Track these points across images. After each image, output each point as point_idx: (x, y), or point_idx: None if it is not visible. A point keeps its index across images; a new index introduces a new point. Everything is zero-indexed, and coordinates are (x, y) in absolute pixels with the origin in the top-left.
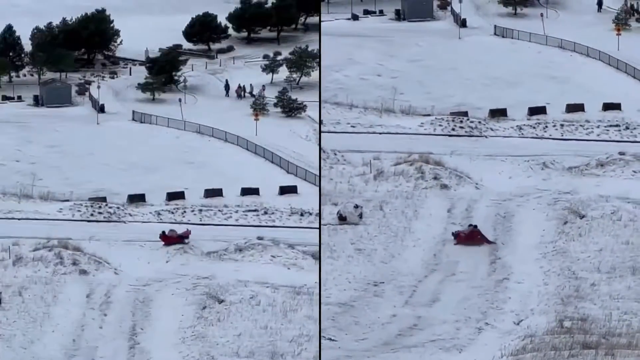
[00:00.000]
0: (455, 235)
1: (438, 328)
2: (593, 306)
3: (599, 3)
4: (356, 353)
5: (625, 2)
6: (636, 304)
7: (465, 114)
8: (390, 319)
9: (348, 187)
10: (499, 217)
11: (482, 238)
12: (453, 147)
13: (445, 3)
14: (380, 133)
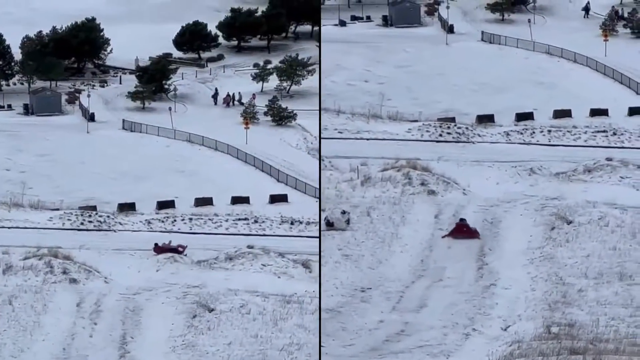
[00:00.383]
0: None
1: (425, 334)
2: (580, 312)
3: (586, 9)
4: (343, 359)
5: (612, 9)
6: (623, 310)
7: (452, 120)
8: (377, 325)
9: (335, 193)
10: (487, 223)
11: (467, 230)
12: (440, 153)
13: (432, 9)
14: (367, 139)
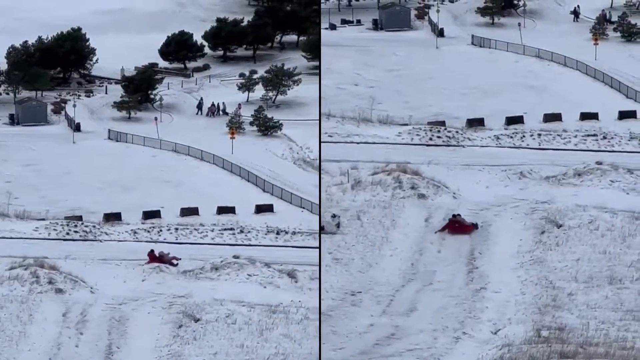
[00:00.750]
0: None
1: (415, 337)
2: (570, 316)
3: (575, 13)
4: None
5: (601, 13)
6: (613, 314)
7: (442, 124)
8: (367, 329)
9: (326, 197)
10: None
11: (461, 225)
12: (431, 157)
13: (422, 13)
14: (357, 143)
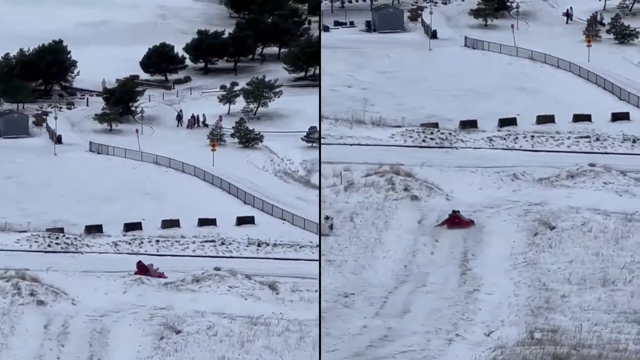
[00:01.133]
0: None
1: (408, 339)
2: (563, 317)
3: (568, 15)
4: None
5: (592, 15)
6: (606, 316)
7: (435, 125)
8: (360, 330)
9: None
10: (470, 228)
11: (460, 220)
12: (423, 159)
13: (415, 15)
14: (350, 144)
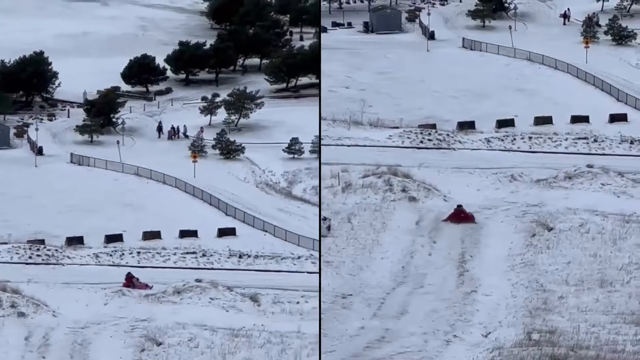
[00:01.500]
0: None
1: (406, 340)
2: (561, 319)
3: (565, 16)
4: None
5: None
6: (604, 317)
7: (433, 127)
8: (358, 332)
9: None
10: (467, 229)
11: (466, 216)
12: (421, 160)
13: (413, 15)
14: (348, 145)
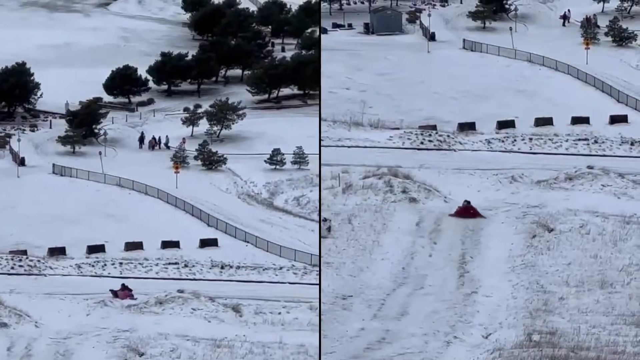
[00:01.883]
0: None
1: (406, 342)
2: (561, 320)
3: (565, 17)
4: None
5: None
6: (604, 318)
7: (434, 128)
8: (358, 333)
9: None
10: (468, 231)
11: (475, 212)
12: (422, 161)
13: (414, 17)
14: (349, 146)
